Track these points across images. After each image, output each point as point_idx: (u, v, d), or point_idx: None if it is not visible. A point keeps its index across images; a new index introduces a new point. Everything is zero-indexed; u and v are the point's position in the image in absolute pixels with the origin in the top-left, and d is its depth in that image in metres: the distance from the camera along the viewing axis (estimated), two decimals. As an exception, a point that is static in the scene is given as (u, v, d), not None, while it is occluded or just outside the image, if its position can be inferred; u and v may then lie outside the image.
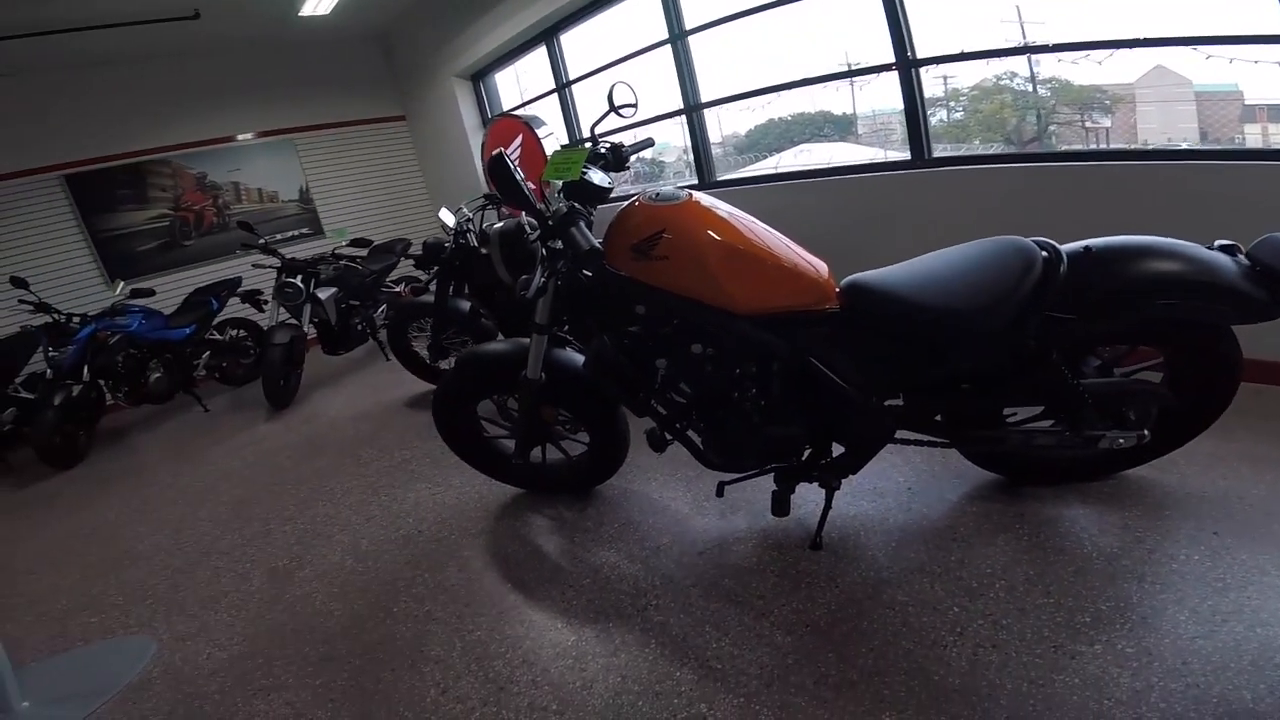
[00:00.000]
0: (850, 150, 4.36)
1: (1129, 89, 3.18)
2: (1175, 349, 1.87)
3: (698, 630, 1.85)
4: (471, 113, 6.30)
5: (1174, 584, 1.71)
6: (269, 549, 2.74)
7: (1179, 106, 3.01)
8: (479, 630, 2.02)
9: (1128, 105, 3.23)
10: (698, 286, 1.82)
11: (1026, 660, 1.56)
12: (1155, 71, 2.96)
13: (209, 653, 2.16)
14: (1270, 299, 1.61)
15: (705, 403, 1.98)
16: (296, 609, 2.30)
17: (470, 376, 2.44)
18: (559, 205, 1.92)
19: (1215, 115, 2.95)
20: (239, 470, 3.69)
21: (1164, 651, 1.51)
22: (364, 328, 5.12)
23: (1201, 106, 2.97)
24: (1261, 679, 1.40)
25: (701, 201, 1.89)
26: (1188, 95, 2.95)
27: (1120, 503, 2.04)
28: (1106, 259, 1.69)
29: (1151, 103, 3.13)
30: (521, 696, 1.74)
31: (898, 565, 1.96)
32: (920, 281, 1.79)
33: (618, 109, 2.05)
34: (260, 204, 6.51)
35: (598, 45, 5.02)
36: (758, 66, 4.07)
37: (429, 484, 3.02)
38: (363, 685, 1.89)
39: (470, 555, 2.40)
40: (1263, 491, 1.97)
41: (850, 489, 2.29)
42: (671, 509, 2.46)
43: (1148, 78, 3.02)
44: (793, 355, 1.84)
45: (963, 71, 3.58)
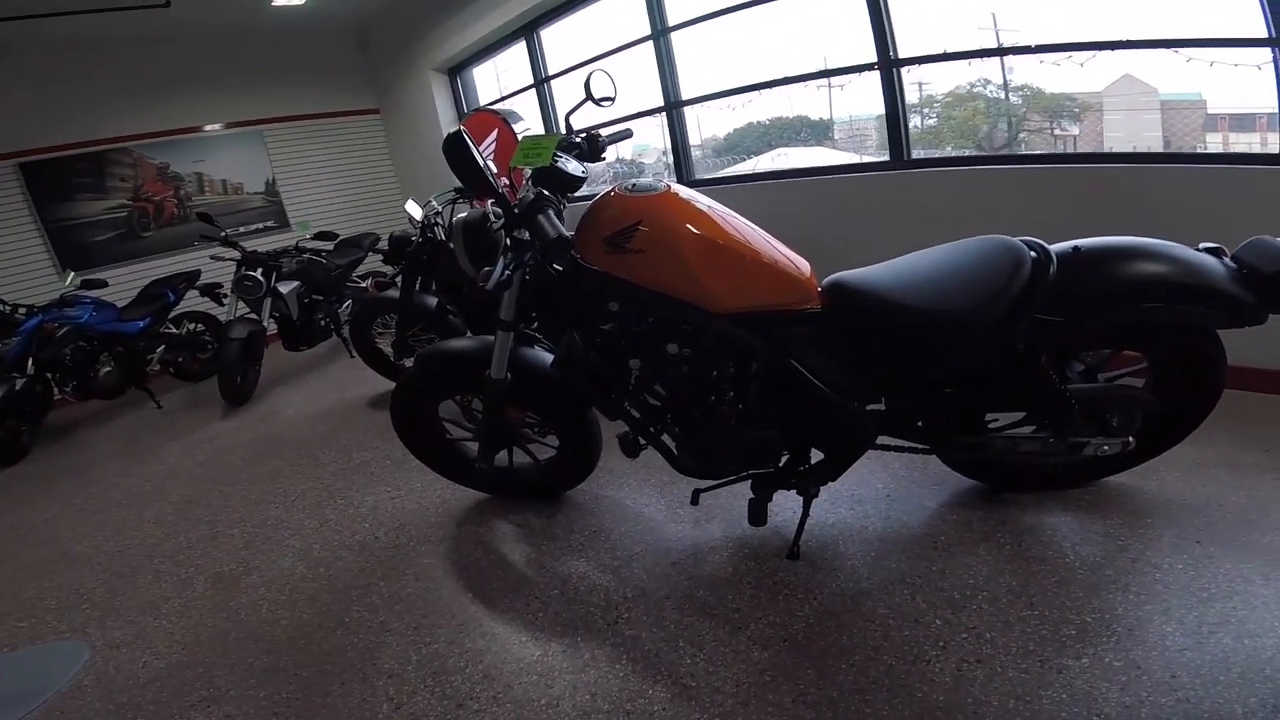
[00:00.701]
0: (827, 155, 4.36)
1: (1097, 97, 3.25)
2: (1160, 353, 1.84)
3: (671, 645, 1.76)
4: (447, 107, 6.20)
5: (1159, 594, 1.67)
6: (215, 553, 2.59)
7: (1145, 115, 3.08)
8: (437, 643, 1.90)
9: (1096, 113, 3.28)
10: (675, 282, 1.73)
11: (1013, 675, 1.51)
12: (1124, 80, 3.02)
13: (145, 661, 2.03)
14: (1257, 303, 1.59)
15: (680, 405, 1.89)
16: (241, 617, 2.17)
17: (431, 375, 2.30)
18: (526, 192, 1.81)
19: (1179, 124, 3.02)
20: (189, 470, 3.51)
21: (1152, 665, 1.48)
22: (327, 323, 4.97)
23: (1166, 115, 3.04)
24: (1252, 692, 1.37)
25: (680, 193, 1.80)
26: (1154, 104, 3.02)
27: (1102, 510, 2.00)
28: (1095, 259, 1.65)
29: (1119, 110, 3.20)
30: (481, 714, 1.63)
31: (878, 576, 1.89)
32: (906, 281, 1.73)
33: (595, 99, 1.95)
34: (224, 196, 6.33)
35: (578, 41, 4.96)
36: (739, 66, 4.04)
37: (388, 487, 2.89)
38: (310, 698, 1.77)
39: (429, 563, 2.28)
40: (1243, 499, 1.96)
41: (829, 496, 2.23)
42: (645, 516, 2.37)
43: (1116, 86, 3.08)
44: (772, 356, 1.76)
45: (937, 78, 3.61)
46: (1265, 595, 1.60)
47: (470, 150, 1.68)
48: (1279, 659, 1.43)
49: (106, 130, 5.72)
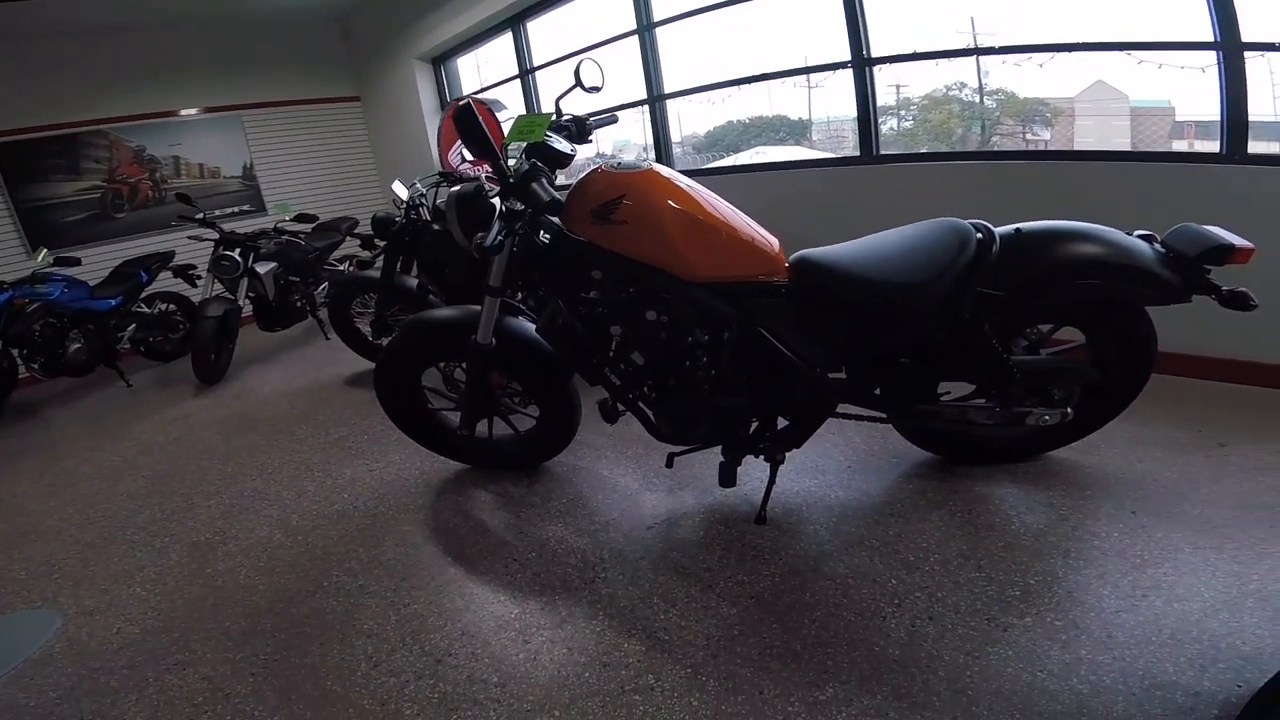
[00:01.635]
0: (804, 154, 4.49)
1: (1070, 102, 3.36)
2: (1096, 329, 1.97)
3: (646, 602, 1.84)
4: (430, 96, 6.22)
5: (1096, 560, 1.79)
6: (191, 523, 2.61)
7: (1115, 121, 3.20)
8: (416, 604, 1.96)
9: (1067, 118, 3.41)
10: (655, 252, 1.83)
11: (962, 632, 1.61)
12: (1096, 86, 3.13)
13: (119, 627, 2.04)
14: (1182, 283, 1.73)
15: (658, 371, 1.98)
16: (218, 583, 2.19)
17: (417, 342, 2.36)
18: (521, 164, 1.90)
19: (1148, 130, 3.15)
20: (162, 445, 3.50)
21: (1090, 625, 1.58)
22: (303, 305, 4.97)
23: (1136, 121, 3.17)
24: (1181, 652, 1.47)
25: (661, 171, 1.91)
26: (1124, 110, 3.14)
27: (1046, 482, 2.14)
28: (1036, 240, 1.79)
29: (1090, 116, 3.32)
30: (460, 669, 1.69)
31: (839, 539, 2.00)
32: (865, 257, 1.85)
33: (585, 87, 2.04)
34: (201, 179, 6.30)
35: (563, 33, 5.03)
36: (721, 62, 4.14)
37: (367, 460, 2.93)
38: (288, 659, 1.81)
39: (409, 530, 2.34)
40: (1175, 474, 2.10)
41: (794, 466, 2.33)
42: (621, 485, 2.45)
43: (1089, 91, 3.20)
44: (743, 325, 1.87)
45: (915, 81, 3.73)
46: (1193, 562, 1.73)
47: (478, 119, 1.77)
48: (1205, 621, 1.54)
49: (83, 113, 5.66)
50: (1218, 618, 1.55)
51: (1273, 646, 1.45)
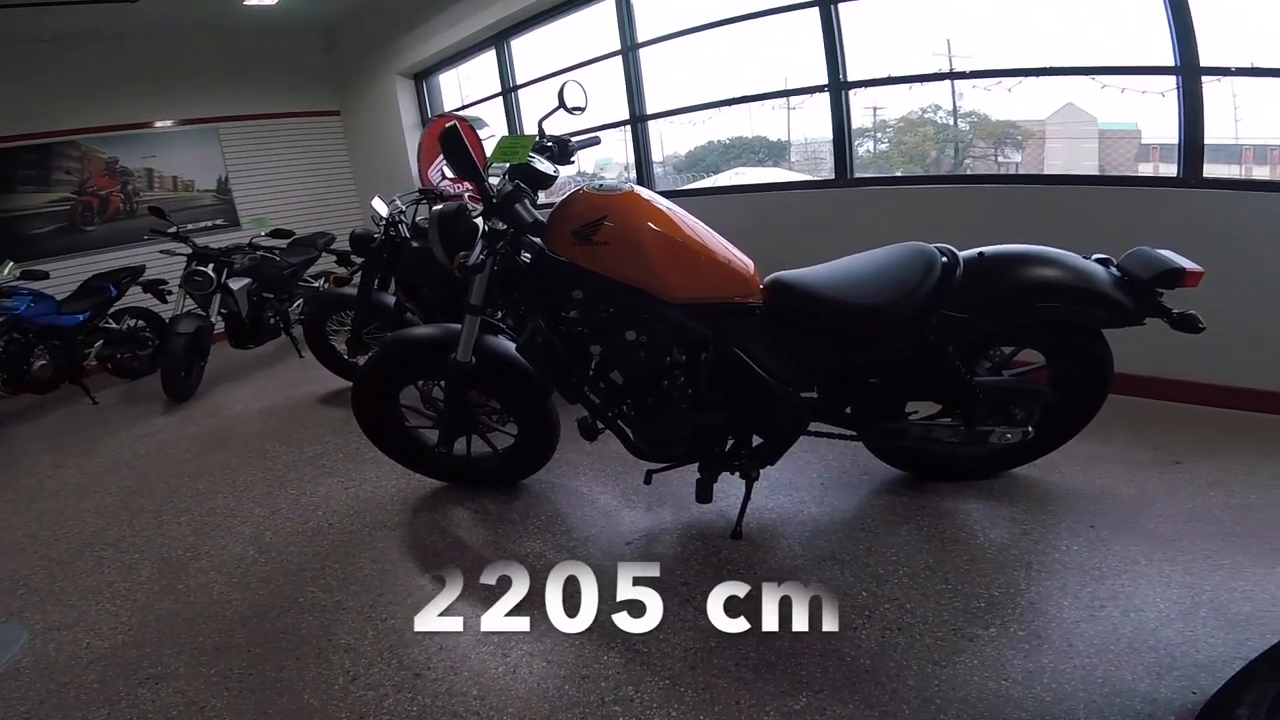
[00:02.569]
0: (783, 176, 4.59)
1: (1041, 124, 3.50)
2: (1055, 351, 2.06)
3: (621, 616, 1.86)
4: (411, 111, 6.24)
5: (1057, 572, 1.87)
6: (161, 540, 2.57)
7: (1084, 144, 3.33)
8: (393, 619, 1.96)
9: (1038, 140, 3.54)
10: (635, 272, 1.89)
11: (930, 642, 1.66)
12: (1066, 109, 3.27)
13: (88, 642, 2.01)
14: (1136, 306, 1.83)
15: (637, 389, 2.03)
16: (190, 599, 2.17)
17: (397, 359, 2.38)
18: (504, 184, 1.95)
19: (1115, 153, 3.28)
20: (130, 462, 3.44)
21: (1051, 634, 1.64)
22: (277, 322, 4.91)
23: (1104, 144, 3.30)
24: (1139, 660, 1.54)
25: (642, 194, 1.97)
26: (1093, 132, 3.27)
27: (1009, 498, 2.22)
28: (997, 264, 1.88)
29: (1060, 138, 3.45)
30: (439, 683, 1.70)
31: (811, 553, 2.05)
32: (836, 279, 1.93)
33: (569, 108, 2.10)
34: (174, 192, 6.22)
35: (547, 52, 5.09)
36: (703, 84, 4.24)
37: (342, 478, 2.91)
38: (264, 673, 1.80)
39: (385, 547, 2.33)
40: (1133, 490, 2.20)
41: (768, 483, 2.38)
42: (600, 503, 2.48)
43: (1059, 114, 3.33)
44: (719, 344, 1.93)
45: (891, 104, 3.84)
46: (1149, 574, 1.81)
47: (464, 142, 1.82)
48: (1161, 630, 1.61)
49: (55, 123, 5.57)
50: (1173, 627, 1.62)
51: (1225, 655, 1.51)
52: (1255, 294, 2.55)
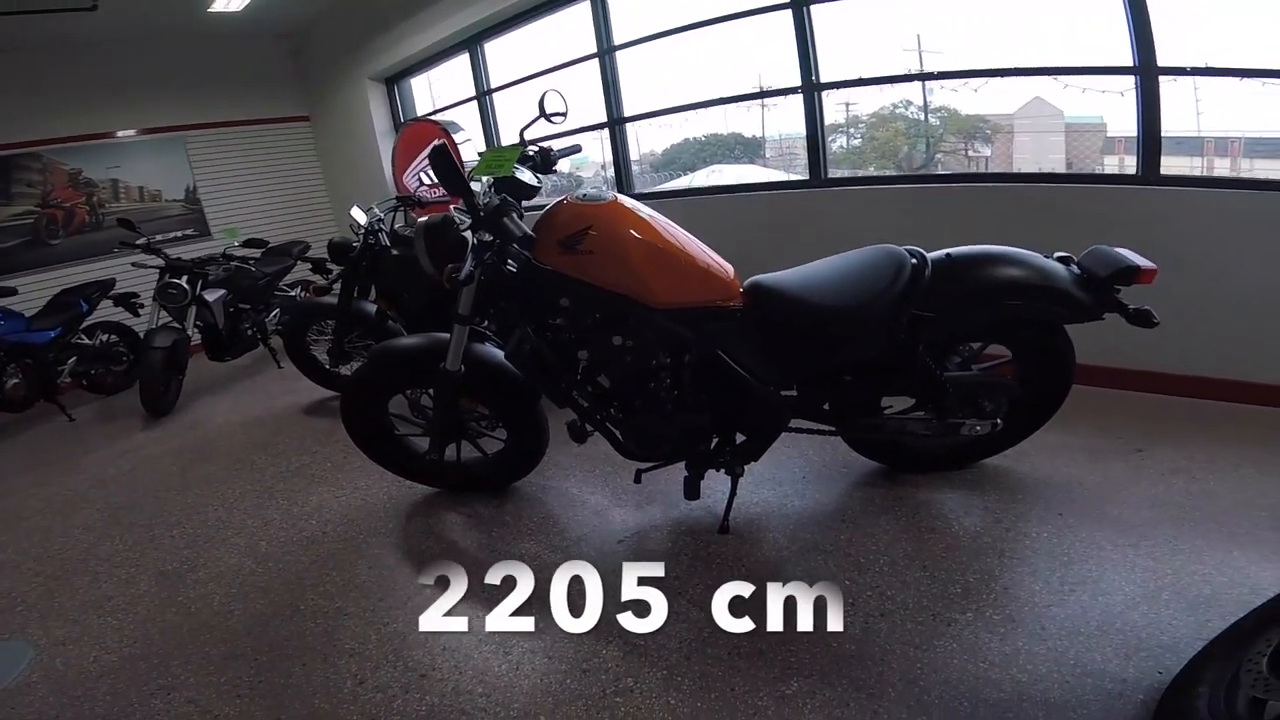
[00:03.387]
0: (758, 172, 4.67)
1: (1009, 119, 3.60)
2: (1020, 346, 2.17)
3: (620, 611, 1.92)
4: (383, 116, 6.20)
5: (1028, 558, 1.97)
6: (156, 553, 2.58)
7: (1051, 137, 3.44)
8: (395, 623, 2.00)
9: (1007, 134, 3.65)
10: (620, 280, 1.96)
11: (911, 627, 1.75)
12: (1034, 103, 3.37)
13: (95, 656, 2.03)
14: (1095, 303, 1.94)
15: (624, 392, 2.10)
16: (192, 610, 2.19)
17: (385, 369, 2.42)
18: (491, 198, 2.00)
19: (1081, 146, 3.40)
20: (115, 478, 3.42)
21: (1024, 618, 1.73)
22: (254, 333, 4.86)
23: (1070, 137, 3.41)
24: (1108, 642, 1.62)
25: (625, 203, 2.04)
26: (1060, 126, 3.38)
27: (982, 488, 2.33)
28: (964, 264, 1.99)
29: (1028, 133, 3.56)
30: (445, 682, 1.75)
31: (795, 545, 2.15)
32: (811, 282, 2.03)
33: (548, 116, 2.16)
34: (141, 203, 6.10)
35: (521, 55, 5.08)
36: (679, 85, 4.30)
37: (332, 488, 2.94)
38: (272, 680, 1.84)
39: (381, 553, 2.38)
40: (1098, 478, 2.31)
41: (753, 479, 2.46)
42: (590, 502, 2.54)
43: (1027, 108, 3.43)
44: (702, 347, 2.01)
45: (863, 99, 3.93)
46: (1115, 559, 1.91)
47: (454, 160, 1.88)
48: (1127, 613, 1.70)
49: (15, 134, 5.44)
50: (1138, 610, 1.71)
51: (1187, 636, 1.58)
52: (1212, 286, 2.68)
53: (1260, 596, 1.45)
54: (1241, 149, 3.07)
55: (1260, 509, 2.05)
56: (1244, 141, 3.04)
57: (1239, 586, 1.74)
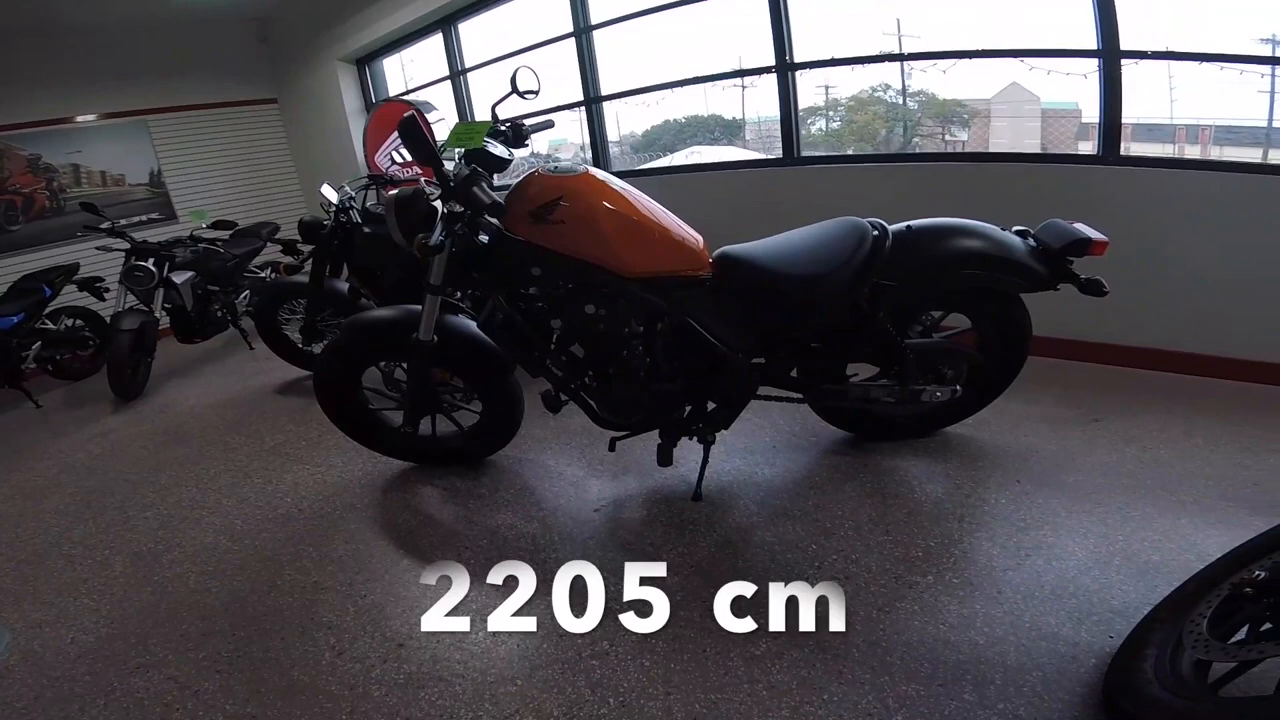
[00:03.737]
0: (737, 154, 4.70)
1: (986, 104, 3.65)
2: (979, 315, 2.24)
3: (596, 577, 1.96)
4: (354, 97, 6.12)
5: (986, 524, 2.04)
6: (130, 535, 2.56)
7: (1027, 122, 3.50)
8: (373, 595, 2.02)
9: (984, 119, 3.71)
10: (592, 250, 1.99)
11: (875, 590, 1.81)
12: (1011, 88, 3.42)
13: (73, 637, 2.02)
14: (1048, 274, 2.02)
15: (597, 361, 2.14)
16: (168, 589, 2.19)
17: (358, 341, 2.42)
18: (461, 168, 2.02)
19: (1057, 131, 3.46)
20: (85, 463, 3.37)
21: (982, 582, 1.79)
22: (224, 314, 4.82)
23: (1046, 122, 3.47)
24: (1061, 606, 1.67)
25: (597, 175, 2.06)
26: (1036, 111, 3.43)
27: (944, 455, 2.41)
28: (924, 235, 2.05)
29: (1005, 117, 3.61)
30: (423, 650, 1.78)
31: (766, 511, 2.21)
32: (778, 252, 2.08)
33: (521, 92, 2.16)
34: (104, 187, 5.99)
35: (496, 35, 5.03)
36: (658, 64, 4.29)
37: (307, 465, 2.94)
38: (251, 654, 1.85)
39: (358, 528, 2.39)
40: (1055, 447, 2.40)
41: (724, 448, 2.52)
42: (566, 473, 2.58)
43: (1004, 93, 3.48)
44: (673, 315, 2.05)
45: (842, 83, 3.95)
46: (1069, 525, 1.98)
47: (422, 130, 1.88)
48: (1080, 578, 1.75)
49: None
50: (1090, 575, 1.77)
51: (1136, 601, 1.64)
52: (1165, 262, 2.79)
53: (1206, 563, 1.50)
54: (1212, 136, 3.15)
55: (1207, 477, 2.14)
56: (1214, 129, 3.12)
57: (1186, 553, 1.80)
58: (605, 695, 1.59)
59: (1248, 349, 2.74)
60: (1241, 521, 1.90)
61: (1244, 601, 1.24)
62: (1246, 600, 1.24)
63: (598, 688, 1.61)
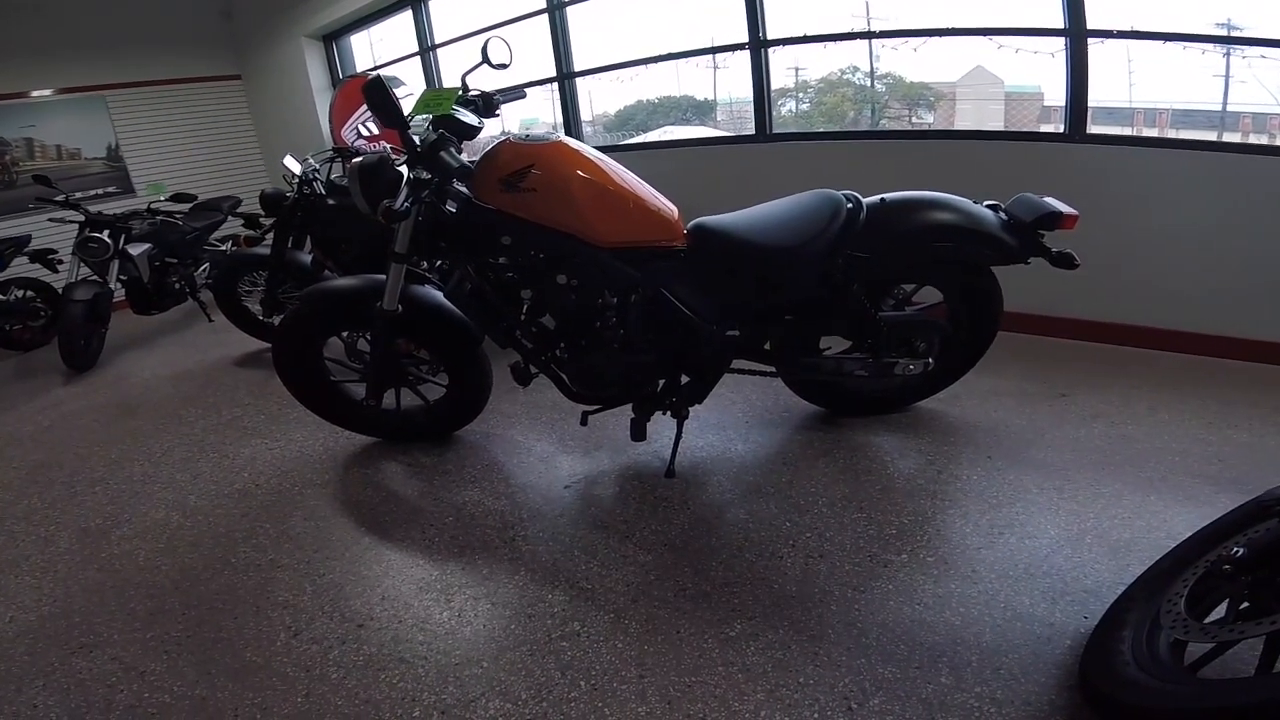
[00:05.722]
0: (709, 134, 4.68)
1: (952, 86, 3.66)
2: (951, 288, 2.22)
3: (567, 556, 1.93)
4: (320, 73, 5.96)
5: (959, 501, 2.02)
6: (76, 511, 2.45)
7: (991, 105, 3.51)
8: (331, 574, 1.95)
9: (949, 102, 3.72)
10: (564, 218, 1.93)
11: (849, 568, 1.78)
12: (975, 71, 3.43)
13: (11, 616, 1.92)
14: (1020, 246, 2.01)
15: (569, 332, 2.08)
16: (115, 567, 2.10)
17: (319, 311, 2.33)
18: (428, 134, 1.93)
19: (1020, 114, 3.49)
20: (33, 435, 3.23)
21: (956, 560, 1.77)
22: (182, 287, 4.68)
23: (1009, 105, 3.50)
24: (1035, 585, 1.66)
25: (569, 143, 2.00)
26: (1000, 94, 3.45)
27: (916, 431, 2.40)
28: (897, 208, 2.03)
29: (969, 100, 3.63)
30: (384, 631, 1.71)
31: (739, 488, 2.17)
32: (752, 224, 2.04)
33: (492, 64, 2.08)
34: (59, 161, 5.84)
35: (468, 9, 4.93)
36: (631, 44, 4.25)
37: (265, 439, 2.85)
38: (202, 634, 1.77)
39: (317, 504, 2.31)
40: (1024, 422, 2.40)
41: (697, 424, 2.49)
42: (536, 449, 2.52)
43: (969, 77, 3.49)
44: (647, 286, 2.00)
45: (812, 65, 3.96)
46: (1040, 502, 1.97)
47: (389, 90, 1.80)
48: (1052, 557, 1.74)
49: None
50: (1063, 553, 1.75)
51: (1109, 580, 1.63)
52: (1129, 237, 2.81)
53: (1175, 540, 1.48)
54: (1169, 120, 3.18)
55: (1174, 454, 2.15)
56: (1171, 112, 3.16)
57: (1156, 531, 1.80)
58: (576, 678, 1.53)
59: (1210, 324, 2.78)
60: (1207, 498, 1.91)
61: (1222, 579, 1.23)
62: (1225, 578, 1.22)
63: (568, 670, 1.55)
